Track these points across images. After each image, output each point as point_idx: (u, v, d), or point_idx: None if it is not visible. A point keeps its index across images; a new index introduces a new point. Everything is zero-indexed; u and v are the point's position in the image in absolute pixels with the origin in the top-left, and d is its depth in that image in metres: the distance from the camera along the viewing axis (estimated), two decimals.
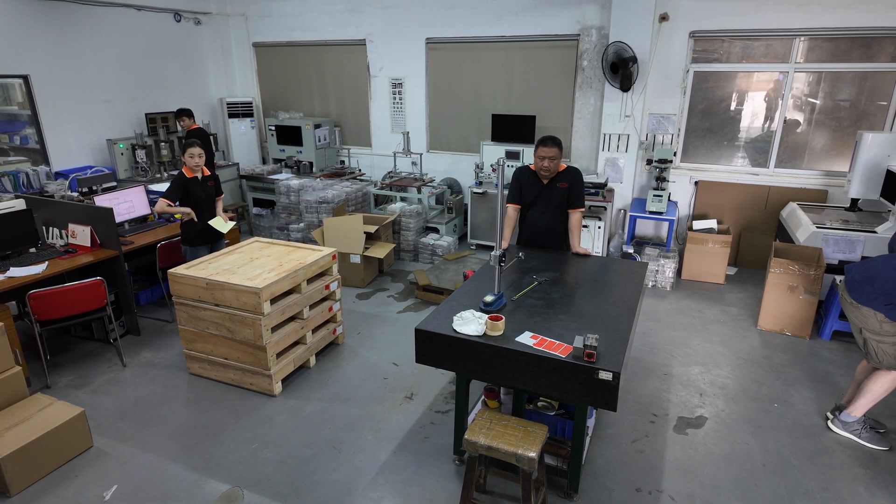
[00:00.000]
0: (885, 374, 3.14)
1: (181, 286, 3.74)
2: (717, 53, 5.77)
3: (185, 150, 4.28)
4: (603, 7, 5.87)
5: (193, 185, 4.30)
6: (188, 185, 4.28)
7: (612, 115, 5.97)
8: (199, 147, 4.31)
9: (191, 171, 4.32)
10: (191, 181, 4.29)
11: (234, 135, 7.98)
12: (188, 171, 4.31)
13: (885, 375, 3.14)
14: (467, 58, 6.78)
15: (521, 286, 3.23)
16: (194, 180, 4.31)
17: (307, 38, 7.59)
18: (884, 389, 3.16)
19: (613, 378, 2.35)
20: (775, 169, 5.87)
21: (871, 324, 3.05)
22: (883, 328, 3.03)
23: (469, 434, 2.44)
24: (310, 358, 4.09)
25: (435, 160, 7.28)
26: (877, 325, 3.03)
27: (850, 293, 3.16)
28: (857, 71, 5.36)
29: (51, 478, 3.02)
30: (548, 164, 3.61)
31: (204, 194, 4.36)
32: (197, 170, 4.33)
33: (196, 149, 4.29)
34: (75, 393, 3.79)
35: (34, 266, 3.95)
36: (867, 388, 3.20)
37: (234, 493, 2.90)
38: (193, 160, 4.28)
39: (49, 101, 6.08)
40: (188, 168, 4.31)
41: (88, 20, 6.34)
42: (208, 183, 4.43)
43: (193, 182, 4.31)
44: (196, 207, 4.32)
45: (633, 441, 3.30)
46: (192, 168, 4.30)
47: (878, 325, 3.03)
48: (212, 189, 4.46)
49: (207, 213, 4.40)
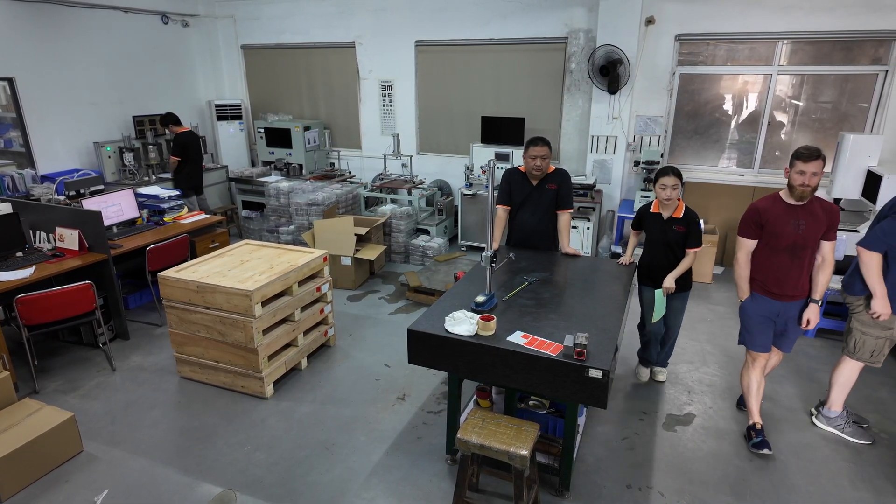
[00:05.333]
0: (847, 362, 3.28)
1: (171, 289, 3.73)
2: (703, 56, 5.86)
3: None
4: (590, 10, 5.94)
5: None
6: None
7: (599, 117, 6.03)
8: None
9: None
10: None
11: (222, 137, 7.95)
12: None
13: (847, 363, 3.28)
14: (457, 60, 6.82)
15: (511, 286, 3.26)
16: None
17: (296, 40, 7.59)
18: (847, 377, 3.30)
19: (603, 376, 2.38)
20: (760, 170, 5.97)
21: (863, 316, 3.12)
22: (875, 322, 3.11)
23: (461, 433, 2.46)
24: (301, 360, 4.09)
25: (425, 162, 7.31)
26: (868, 318, 3.11)
27: (842, 285, 3.29)
28: (838, 73, 5.47)
29: (41, 483, 3.00)
30: (539, 164, 3.65)
31: None
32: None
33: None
34: (64, 398, 3.76)
35: (21, 270, 3.92)
36: (834, 380, 3.34)
37: (227, 495, 2.89)
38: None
39: (34, 103, 6.02)
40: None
41: (75, 22, 6.29)
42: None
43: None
44: None
45: (623, 438, 3.34)
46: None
47: (871, 318, 3.10)
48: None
49: None
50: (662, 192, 3.38)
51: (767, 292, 3.10)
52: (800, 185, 2.86)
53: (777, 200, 3.00)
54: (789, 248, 2.97)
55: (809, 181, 2.84)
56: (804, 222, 2.93)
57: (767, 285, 3.08)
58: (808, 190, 2.86)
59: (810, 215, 2.93)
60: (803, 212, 2.94)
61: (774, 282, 3.06)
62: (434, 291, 5.10)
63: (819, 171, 2.82)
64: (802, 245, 2.96)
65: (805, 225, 2.93)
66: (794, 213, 2.94)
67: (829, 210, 2.96)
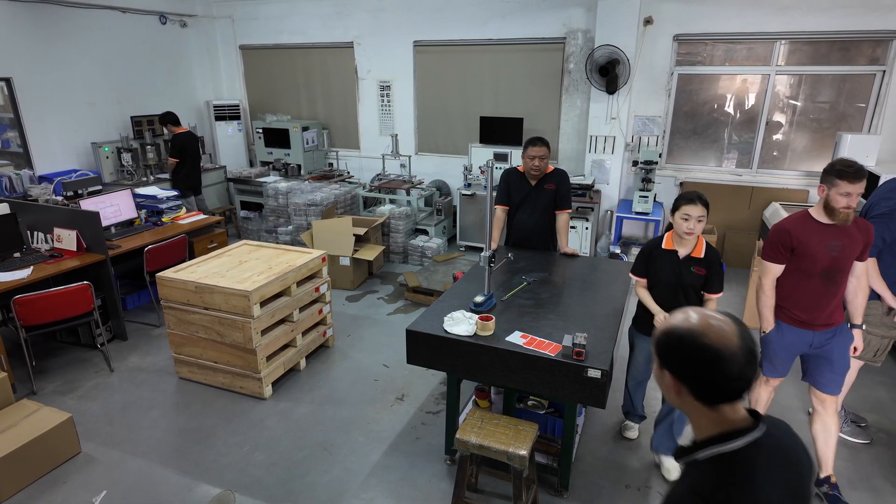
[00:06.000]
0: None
1: (170, 290, 3.72)
2: (701, 56, 5.87)
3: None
4: (589, 10, 5.94)
5: None
6: None
7: (598, 117, 6.04)
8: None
9: None
10: None
11: (220, 137, 7.94)
12: None
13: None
14: (455, 61, 6.82)
15: (510, 286, 3.26)
16: None
17: (294, 40, 7.58)
18: (847, 377, 3.23)
19: (602, 376, 2.38)
20: (758, 170, 5.98)
21: (868, 317, 3.09)
22: (883, 321, 3.11)
23: (460, 433, 2.46)
24: (300, 360, 4.09)
25: (423, 162, 7.30)
26: (875, 319, 3.11)
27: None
28: (836, 73, 5.49)
29: (38, 484, 2.99)
30: (537, 164, 3.65)
31: None
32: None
33: None
34: (62, 399, 3.75)
35: (19, 271, 3.91)
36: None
37: (226, 496, 2.89)
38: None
39: (32, 103, 6.01)
40: None
41: (72, 22, 6.28)
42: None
43: None
44: None
45: (622, 438, 3.34)
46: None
47: (879, 319, 3.10)
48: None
49: None
50: (684, 224, 2.68)
51: (797, 321, 2.73)
52: (843, 207, 2.48)
53: (808, 220, 2.61)
54: (823, 272, 2.60)
55: (853, 203, 2.48)
56: (840, 244, 2.56)
57: (796, 314, 2.72)
58: (851, 213, 2.50)
59: (847, 236, 2.56)
60: (839, 233, 2.56)
61: (805, 309, 2.69)
62: (433, 292, 5.09)
63: (862, 189, 2.47)
64: (838, 269, 2.60)
65: (841, 247, 2.56)
66: (829, 235, 2.56)
67: (864, 228, 2.61)
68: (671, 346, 1.10)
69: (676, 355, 1.09)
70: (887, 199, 2.94)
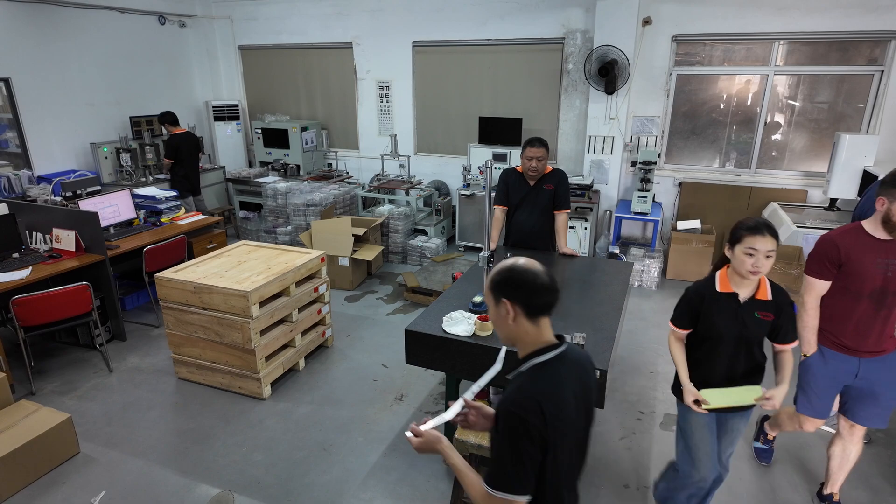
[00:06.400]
0: None
1: (169, 290, 3.72)
2: (700, 57, 5.88)
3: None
4: (587, 11, 5.95)
5: None
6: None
7: (596, 117, 6.04)
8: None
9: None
10: None
11: (219, 138, 7.93)
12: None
13: None
14: (454, 61, 6.82)
15: None
16: None
17: (293, 40, 7.58)
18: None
19: (601, 376, 2.39)
20: (757, 170, 5.99)
21: None
22: None
23: (459, 433, 2.46)
24: (299, 361, 4.09)
25: (422, 162, 7.30)
26: None
27: None
28: (834, 74, 5.49)
29: (37, 485, 2.99)
30: (535, 165, 3.66)
31: None
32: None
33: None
34: (61, 399, 3.75)
35: (17, 271, 3.90)
36: None
37: (225, 496, 2.89)
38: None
39: (31, 104, 6.00)
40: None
41: (71, 23, 6.27)
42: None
43: None
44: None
45: (621, 438, 3.35)
46: None
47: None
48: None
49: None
50: (748, 261, 2.09)
51: (842, 347, 2.47)
52: None
53: (860, 234, 2.35)
54: (874, 294, 2.35)
55: None
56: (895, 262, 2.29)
57: (842, 338, 2.46)
58: None
59: None
60: (894, 249, 2.30)
61: (852, 334, 2.44)
62: (432, 292, 5.10)
63: None
64: (891, 290, 2.34)
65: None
66: (884, 251, 2.31)
67: None
68: (509, 278, 1.48)
69: (513, 284, 1.47)
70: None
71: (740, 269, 2.12)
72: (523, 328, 1.48)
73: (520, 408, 1.38)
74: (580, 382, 1.49)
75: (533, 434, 1.36)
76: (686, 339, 2.38)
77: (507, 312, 1.47)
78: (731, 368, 2.27)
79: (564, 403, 1.41)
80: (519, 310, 1.46)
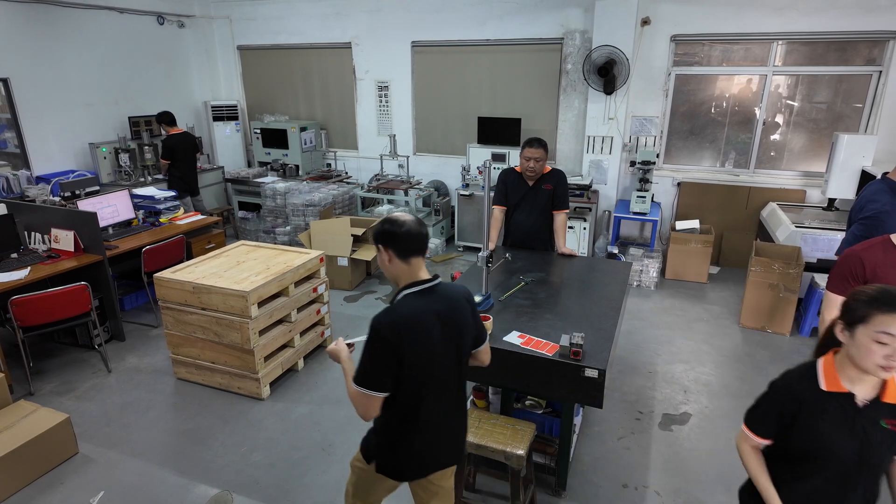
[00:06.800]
0: None
1: (167, 290, 3.72)
2: (698, 57, 5.89)
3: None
4: (586, 11, 5.95)
5: None
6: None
7: (595, 117, 6.05)
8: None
9: None
10: None
11: (218, 138, 7.93)
12: None
13: None
14: (453, 61, 6.82)
15: (508, 287, 3.26)
16: None
17: (292, 41, 7.58)
18: None
19: (599, 376, 2.39)
20: (755, 170, 6.00)
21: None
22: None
23: None
24: (298, 361, 4.09)
25: (421, 163, 7.30)
26: None
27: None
28: (832, 74, 5.50)
29: (36, 485, 2.99)
30: (533, 165, 3.66)
31: None
32: None
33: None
34: (59, 399, 3.75)
35: (16, 272, 3.90)
36: None
37: (224, 497, 2.89)
38: None
39: (29, 104, 6.00)
40: None
41: (69, 23, 6.27)
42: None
43: None
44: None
45: (620, 438, 3.35)
46: None
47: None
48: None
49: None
50: (880, 352, 1.45)
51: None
52: None
53: (889, 248, 2.16)
54: None
55: None
56: None
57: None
58: None
59: None
60: None
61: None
62: None
63: None
64: None
65: None
66: None
67: None
68: (382, 229, 1.79)
69: (388, 233, 1.77)
70: (874, 200, 2.88)
71: (864, 361, 1.47)
72: (398, 268, 1.80)
73: (380, 323, 1.72)
74: (448, 308, 1.82)
75: (387, 344, 1.70)
76: (767, 453, 1.71)
77: (384, 256, 1.80)
78: (846, 493, 1.57)
79: (420, 324, 1.74)
80: (392, 253, 1.78)
